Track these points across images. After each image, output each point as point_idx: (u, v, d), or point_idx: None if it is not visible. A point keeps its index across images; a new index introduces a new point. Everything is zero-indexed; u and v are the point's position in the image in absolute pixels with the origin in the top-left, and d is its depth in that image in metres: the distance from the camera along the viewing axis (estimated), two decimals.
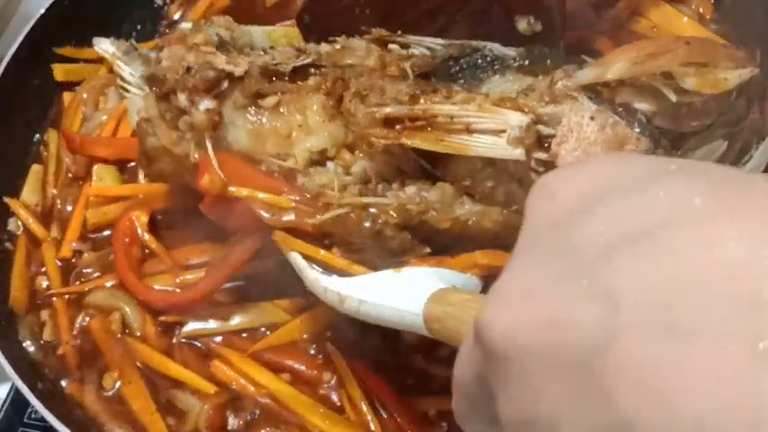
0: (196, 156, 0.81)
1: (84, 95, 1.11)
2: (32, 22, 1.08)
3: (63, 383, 0.91)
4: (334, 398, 0.86)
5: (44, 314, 0.96)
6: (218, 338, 0.91)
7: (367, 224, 0.76)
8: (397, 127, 0.74)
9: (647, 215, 0.32)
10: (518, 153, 0.70)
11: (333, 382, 0.86)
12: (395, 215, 0.76)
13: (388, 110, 0.75)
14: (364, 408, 0.83)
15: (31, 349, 0.94)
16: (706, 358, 0.28)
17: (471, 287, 0.73)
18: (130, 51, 0.92)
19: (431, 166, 0.78)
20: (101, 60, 1.10)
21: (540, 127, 0.71)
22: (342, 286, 0.75)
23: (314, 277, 0.77)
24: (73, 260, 0.99)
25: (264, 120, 0.81)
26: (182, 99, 0.80)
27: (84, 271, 0.98)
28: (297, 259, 0.79)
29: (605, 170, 0.37)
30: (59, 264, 0.99)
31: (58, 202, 1.04)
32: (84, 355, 0.92)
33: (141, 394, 0.88)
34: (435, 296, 0.63)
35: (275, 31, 0.94)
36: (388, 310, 0.69)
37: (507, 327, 0.33)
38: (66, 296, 0.96)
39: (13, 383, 0.92)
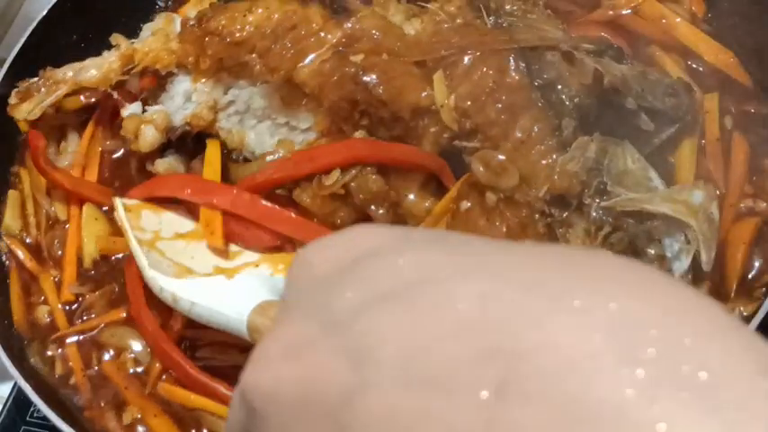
0: None
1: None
2: (34, 25, 1.08)
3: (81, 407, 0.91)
4: None
5: (52, 348, 0.95)
6: None
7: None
8: None
9: (394, 278, 0.35)
10: None
11: None
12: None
13: None
14: None
15: (45, 371, 0.94)
16: (441, 408, 0.30)
17: None
18: None
19: None
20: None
21: None
22: (176, 287, 0.80)
23: (151, 276, 0.82)
24: (75, 304, 0.98)
25: None
26: None
27: (87, 313, 0.97)
28: (139, 257, 0.84)
29: (356, 238, 0.41)
30: (64, 308, 0.98)
31: (45, 246, 1.01)
32: (98, 388, 0.92)
33: (171, 428, 0.89)
34: (258, 308, 0.66)
35: None
36: (216, 314, 0.73)
37: (267, 385, 0.36)
38: (78, 336, 0.95)
39: (15, 382, 0.92)
